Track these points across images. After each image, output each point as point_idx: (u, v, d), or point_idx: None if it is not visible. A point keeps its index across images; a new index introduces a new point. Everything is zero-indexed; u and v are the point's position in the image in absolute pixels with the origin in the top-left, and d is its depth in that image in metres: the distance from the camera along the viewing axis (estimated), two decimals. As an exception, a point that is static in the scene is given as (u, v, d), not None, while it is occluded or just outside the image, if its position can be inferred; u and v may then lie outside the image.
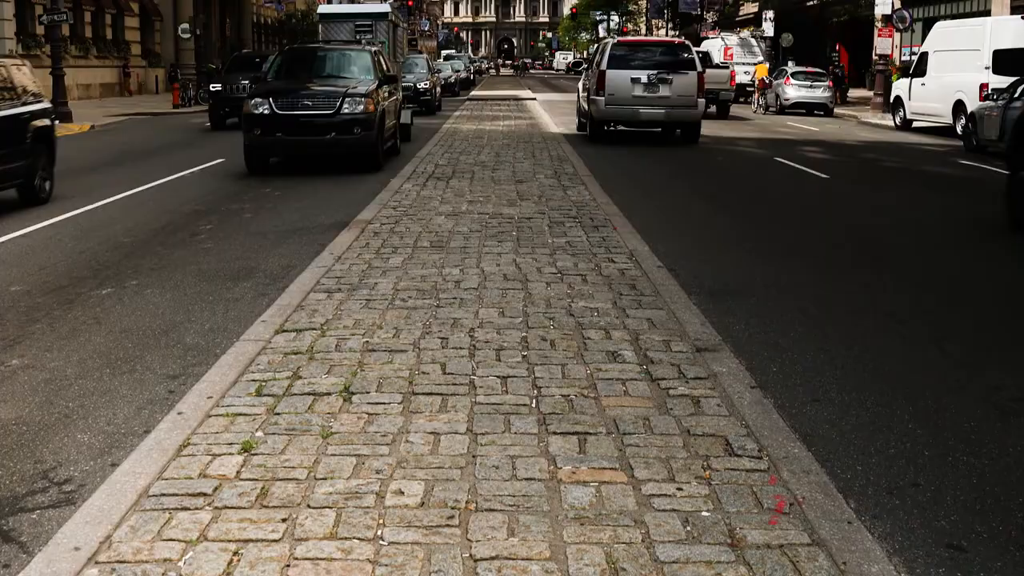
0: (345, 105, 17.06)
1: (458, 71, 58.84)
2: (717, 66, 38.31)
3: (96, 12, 46.32)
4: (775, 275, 9.94)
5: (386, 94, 18.75)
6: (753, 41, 50.11)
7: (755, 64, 44.96)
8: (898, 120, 30.76)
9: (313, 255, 9.84)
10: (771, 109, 40.13)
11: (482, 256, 9.56)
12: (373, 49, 20.10)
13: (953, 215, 14.43)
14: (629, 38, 33.11)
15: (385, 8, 31.69)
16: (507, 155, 18.89)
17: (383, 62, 20.02)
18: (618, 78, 23.89)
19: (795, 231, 12.75)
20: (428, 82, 36.55)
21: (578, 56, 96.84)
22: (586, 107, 25.71)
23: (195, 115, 34.92)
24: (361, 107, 17.12)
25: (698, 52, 27.75)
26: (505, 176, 15.71)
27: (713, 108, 34.11)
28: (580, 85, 28.73)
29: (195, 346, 7.24)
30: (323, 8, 37.13)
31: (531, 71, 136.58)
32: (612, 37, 35.72)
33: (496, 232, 10.85)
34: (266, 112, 17.02)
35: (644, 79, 23.90)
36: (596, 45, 38.41)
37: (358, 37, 29.13)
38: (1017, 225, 12.54)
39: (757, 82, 42.67)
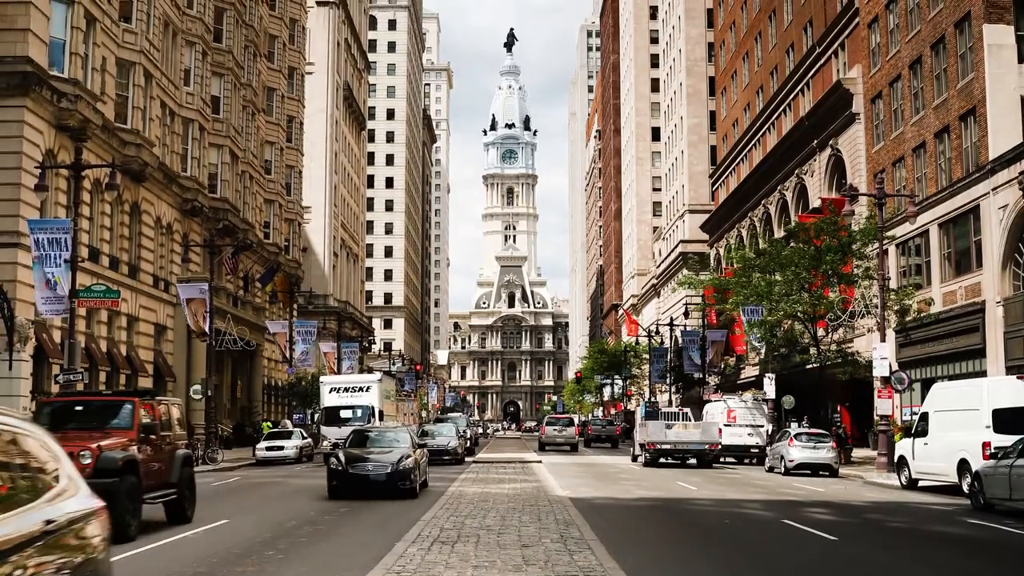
0: None
1: (441, 443, 41.87)
2: (612, 423, 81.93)
3: (111, 372, 47.46)
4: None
5: None
6: (754, 404, 50.99)
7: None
8: (903, 479, 30.73)
9: (314, 623, 9.65)
10: (776, 470, 40.04)
11: (486, 624, 9.36)
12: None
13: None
14: (555, 414, 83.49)
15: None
16: (513, 519, 18.78)
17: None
18: (549, 429, 64.35)
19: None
20: None
21: (583, 418, 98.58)
22: (539, 440, 65.78)
23: (202, 475, 34.98)
24: None
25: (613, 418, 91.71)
26: (511, 540, 15.58)
27: (608, 443, 75.25)
28: (539, 433, 72.43)
29: None
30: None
31: (536, 432, 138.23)
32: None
33: (501, 598, 10.66)
34: None
35: (557, 428, 63.85)
36: (544, 416, 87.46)
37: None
38: None
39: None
